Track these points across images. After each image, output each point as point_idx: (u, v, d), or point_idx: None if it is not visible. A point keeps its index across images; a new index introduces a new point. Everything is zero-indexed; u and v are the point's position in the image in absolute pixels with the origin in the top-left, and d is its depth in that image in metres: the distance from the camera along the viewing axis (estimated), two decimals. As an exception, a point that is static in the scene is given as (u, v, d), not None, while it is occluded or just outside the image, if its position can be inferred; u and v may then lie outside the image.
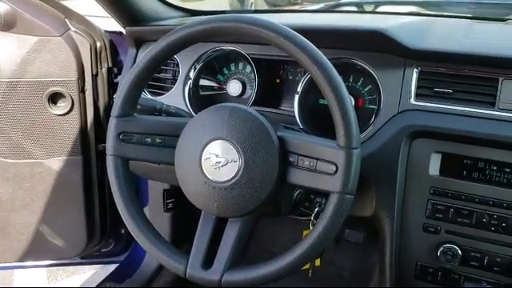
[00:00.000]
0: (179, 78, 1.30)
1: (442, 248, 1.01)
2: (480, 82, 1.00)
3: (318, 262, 1.20)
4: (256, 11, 1.77)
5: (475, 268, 1.01)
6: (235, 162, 0.86)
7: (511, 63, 0.97)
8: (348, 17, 1.61)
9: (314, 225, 1.02)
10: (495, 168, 0.98)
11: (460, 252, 1.00)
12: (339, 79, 0.82)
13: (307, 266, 1.08)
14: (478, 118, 0.98)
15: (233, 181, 0.86)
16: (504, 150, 0.96)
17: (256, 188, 0.85)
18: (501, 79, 0.98)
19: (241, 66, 1.32)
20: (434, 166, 1.02)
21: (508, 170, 0.97)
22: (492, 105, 0.98)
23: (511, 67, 0.97)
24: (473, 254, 1.00)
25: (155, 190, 1.69)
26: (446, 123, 0.99)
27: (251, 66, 1.24)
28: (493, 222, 0.98)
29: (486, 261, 0.99)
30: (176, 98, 1.29)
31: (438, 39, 1.10)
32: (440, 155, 1.02)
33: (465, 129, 0.97)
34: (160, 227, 0.96)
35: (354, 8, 1.79)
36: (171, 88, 1.31)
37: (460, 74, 1.02)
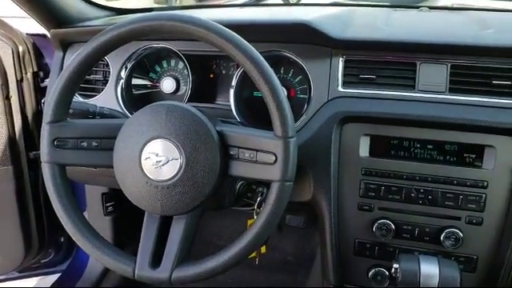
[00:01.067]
0: (110, 79, 1.28)
1: (376, 224, 1.08)
2: (400, 67, 1.08)
3: (263, 249, 1.24)
4: (183, 7, 1.76)
5: (407, 240, 1.09)
6: (176, 159, 0.87)
7: (426, 48, 1.05)
8: (275, 10, 1.65)
9: (257, 214, 1.05)
10: (419, 146, 1.07)
11: (393, 226, 1.07)
12: (271, 72, 0.85)
13: (254, 255, 1.11)
14: (400, 101, 1.05)
15: (175, 178, 0.86)
16: (425, 128, 1.05)
17: (199, 184, 0.86)
18: (418, 63, 1.06)
19: (173, 62, 1.32)
20: (364, 148, 1.09)
21: (430, 147, 1.06)
22: (412, 87, 1.06)
23: (426, 51, 1.05)
24: (404, 226, 1.08)
25: (93, 194, 1.65)
26: (371, 107, 1.05)
27: (183, 63, 1.24)
28: (420, 195, 1.06)
29: (416, 232, 1.08)
30: (109, 99, 1.26)
31: (360, 28, 1.17)
32: (368, 138, 1.09)
33: (389, 111, 1.04)
34: (101, 231, 0.94)
35: (279, 1, 1.83)
36: (103, 89, 1.29)
37: (382, 61, 1.09)
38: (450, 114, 1.01)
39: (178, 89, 1.30)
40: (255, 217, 1.08)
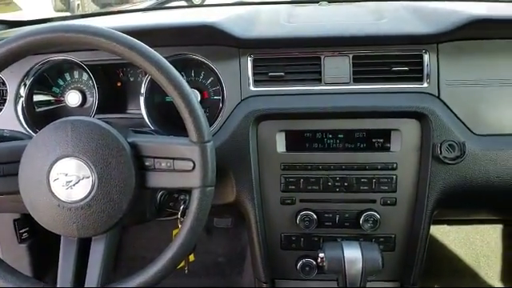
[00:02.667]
0: (8, 98, 1.18)
1: (299, 216, 1.11)
2: (306, 62, 1.11)
3: (192, 257, 1.22)
4: (83, 15, 1.68)
5: (330, 227, 1.13)
6: (87, 177, 0.82)
7: (328, 41, 1.09)
8: (180, 13, 1.62)
9: (181, 223, 1.03)
10: (331, 136, 1.10)
11: (315, 216, 1.11)
12: (179, 77, 0.84)
13: (182, 264, 1.09)
14: (309, 95, 1.09)
15: (89, 198, 0.82)
16: (335, 119, 1.09)
17: (115, 200, 0.83)
18: (322, 57, 1.09)
19: (77, 74, 1.26)
20: (281, 143, 1.11)
21: (341, 136, 1.10)
22: (319, 81, 1.09)
23: (329, 45, 1.09)
24: (326, 215, 1.12)
25: (3, 221, 1.53)
26: (283, 104, 1.07)
27: (88, 74, 1.19)
28: (336, 183, 1.10)
29: (337, 219, 1.12)
30: (8, 119, 1.17)
31: (264, 26, 1.18)
32: (284, 133, 1.11)
33: (299, 106, 1.07)
34: (17, 261, 0.88)
35: (183, 3, 1.81)
36: (0, 110, 1.19)
37: (289, 57, 1.11)
38: (355, 103, 1.06)
39: (84, 101, 1.23)
40: (180, 226, 1.06)
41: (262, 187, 1.12)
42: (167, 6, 1.85)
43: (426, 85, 1.07)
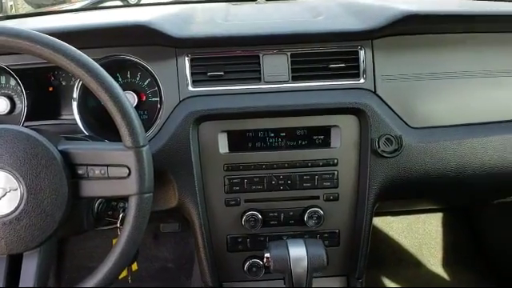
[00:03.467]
0: None
1: (244, 217, 1.10)
2: (245, 61, 1.09)
3: (135, 267, 1.18)
4: (9, 17, 1.58)
5: (275, 226, 1.13)
6: (15, 190, 0.77)
7: (266, 39, 1.08)
8: (114, 13, 1.57)
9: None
10: (273, 135, 1.10)
11: (260, 216, 1.10)
12: (109, 79, 0.80)
13: (125, 273, 1.05)
14: (249, 94, 1.07)
15: (17, 211, 0.77)
16: (276, 117, 1.08)
17: (47, 212, 0.78)
18: (261, 55, 1.09)
19: (3, 80, 1.18)
20: (223, 144, 1.09)
21: (283, 134, 1.10)
22: (259, 79, 1.09)
23: (267, 43, 1.09)
24: (271, 214, 1.12)
25: None
26: (223, 104, 1.06)
27: (15, 79, 1.12)
28: (280, 182, 1.10)
29: (282, 217, 1.12)
30: None
31: (201, 25, 1.16)
32: (226, 133, 1.09)
33: (240, 106, 1.05)
34: None
35: (119, 3, 1.75)
36: None
37: (227, 56, 1.09)
38: (295, 101, 1.06)
39: (13, 108, 1.16)
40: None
41: (206, 190, 1.10)
42: (102, 6, 1.78)
43: (362, 81, 1.09)
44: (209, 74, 1.08)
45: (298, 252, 0.96)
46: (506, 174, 1.13)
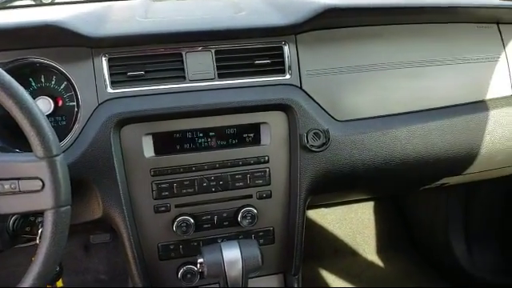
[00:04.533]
0: None
1: (176, 222, 1.05)
2: (168, 59, 1.05)
3: (60, 284, 1.10)
4: None
5: (209, 229, 1.09)
6: None
7: (188, 36, 1.04)
8: (25, 12, 1.45)
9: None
10: (201, 135, 1.06)
11: (192, 220, 1.06)
12: (14, 83, 0.73)
13: (47, 293, 0.97)
14: (174, 94, 1.03)
15: None
16: (204, 116, 1.05)
17: None
18: (184, 53, 1.04)
19: None
20: (148, 148, 1.04)
21: (212, 134, 1.06)
22: (183, 78, 1.04)
23: (189, 40, 1.05)
24: (204, 217, 1.08)
25: None
26: (145, 105, 1.00)
27: None
28: (212, 183, 1.07)
29: (215, 220, 1.09)
30: None
31: (118, 23, 1.09)
32: (151, 136, 1.04)
33: (164, 106, 1.00)
34: None
35: (30, 1, 1.62)
36: None
37: (148, 55, 1.04)
38: (221, 99, 1.03)
39: None
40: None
41: (132, 197, 1.04)
42: (11, 5, 1.65)
43: (288, 76, 1.08)
44: (129, 74, 1.02)
45: (232, 255, 0.94)
46: (430, 161, 1.17)
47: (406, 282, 1.87)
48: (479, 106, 1.19)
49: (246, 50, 1.07)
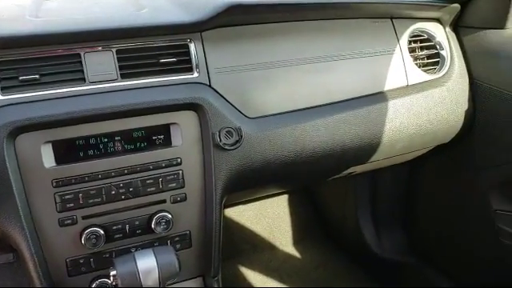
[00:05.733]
0: None
1: (84, 235, 0.98)
2: (65, 61, 0.97)
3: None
4: None
5: (121, 239, 1.03)
6: None
7: (87, 36, 0.98)
8: None
9: None
10: (107, 140, 1.00)
11: (102, 231, 1.00)
12: None
13: None
14: (73, 97, 0.96)
15: None
16: (108, 120, 0.98)
17: None
18: (82, 53, 0.98)
19: None
20: (48, 157, 0.96)
21: (118, 138, 1.01)
22: (83, 80, 0.97)
23: (88, 40, 0.98)
24: (114, 227, 1.02)
25: None
26: (42, 111, 0.92)
27: None
28: (121, 191, 1.01)
29: (128, 229, 1.03)
30: None
31: (5, 23, 1.00)
32: (50, 144, 0.96)
33: (62, 111, 0.93)
34: None
35: None
36: None
37: (42, 57, 0.96)
38: (125, 100, 0.97)
39: None
40: None
41: (34, 212, 0.95)
42: None
43: (196, 74, 1.05)
44: (21, 78, 0.93)
45: (147, 264, 0.90)
46: (337, 152, 1.21)
47: (322, 271, 1.94)
48: (379, 97, 1.26)
49: (150, 48, 1.03)
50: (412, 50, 1.35)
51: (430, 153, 1.47)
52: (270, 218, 2.09)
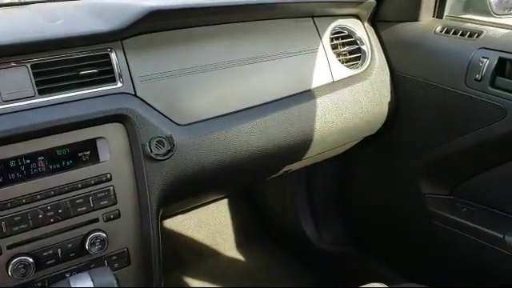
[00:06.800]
0: None
1: (11, 266, 0.91)
2: None
3: None
4: None
5: (54, 265, 0.97)
6: None
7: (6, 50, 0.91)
8: None
9: None
10: (29, 161, 0.93)
11: (32, 260, 0.93)
12: None
13: None
14: None
15: None
16: (27, 140, 0.92)
17: None
18: None
19: None
20: None
21: (42, 158, 0.94)
22: None
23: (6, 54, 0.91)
24: (45, 253, 0.95)
25: None
26: None
27: None
28: (49, 214, 0.94)
29: (60, 253, 0.97)
30: None
31: None
32: None
33: None
34: None
35: None
36: None
37: None
38: (45, 118, 0.91)
39: None
40: None
41: None
42: None
43: (120, 85, 1.01)
44: None
45: (83, 289, 0.84)
46: (272, 152, 1.22)
47: (266, 271, 1.94)
48: (308, 95, 1.28)
49: (68, 61, 0.97)
50: (334, 47, 1.38)
51: (360, 144, 1.52)
52: (211, 225, 2.06)
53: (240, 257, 2.02)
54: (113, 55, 1.01)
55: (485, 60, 1.21)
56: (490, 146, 1.25)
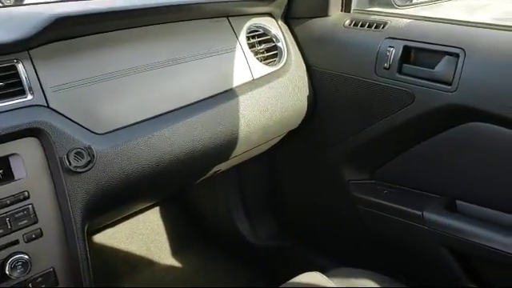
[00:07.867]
0: None
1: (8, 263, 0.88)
2: None
3: None
4: None
5: None
6: None
7: None
8: None
9: None
10: None
11: (27, 256, 0.91)
12: None
13: None
14: None
15: None
16: None
17: None
18: None
19: None
20: None
21: None
22: None
23: None
24: None
25: None
26: None
27: None
28: None
29: None
30: None
31: None
32: None
33: None
34: None
35: None
36: None
37: None
38: None
39: None
40: None
41: None
42: None
43: (30, 97, 0.96)
44: None
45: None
46: (199, 154, 1.21)
47: (203, 273, 1.93)
48: (229, 95, 1.29)
49: None
50: (252, 46, 1.40)
51: (284, 139, 1.56)
52: (144, 235, 2.01)
53: (176, 263, 1.98)
54: (20, 66, 0.95)
55: (391, 49, 1.29)
56: (403, 130, 1.33)
